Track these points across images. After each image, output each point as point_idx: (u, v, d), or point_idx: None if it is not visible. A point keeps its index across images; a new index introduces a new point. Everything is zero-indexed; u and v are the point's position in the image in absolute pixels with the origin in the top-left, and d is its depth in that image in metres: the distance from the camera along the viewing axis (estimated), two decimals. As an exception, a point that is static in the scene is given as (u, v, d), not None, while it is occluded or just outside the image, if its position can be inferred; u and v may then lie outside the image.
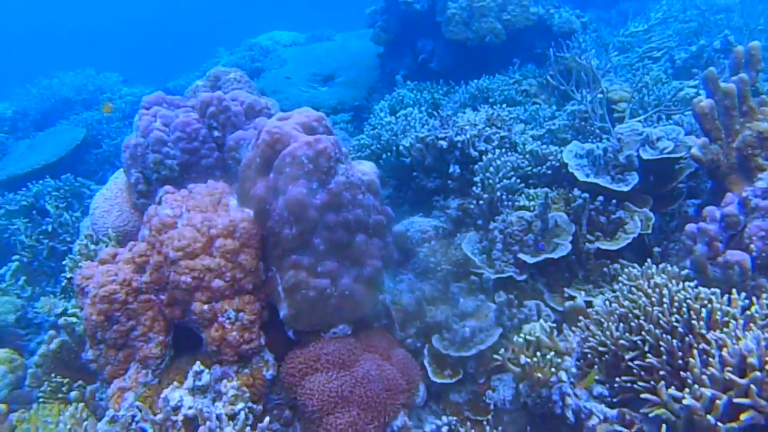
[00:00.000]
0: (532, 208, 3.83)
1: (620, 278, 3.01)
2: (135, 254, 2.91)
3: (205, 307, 2.74)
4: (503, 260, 3.54)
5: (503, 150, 4.12)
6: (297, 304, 2.78)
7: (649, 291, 2.68)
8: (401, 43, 7.13)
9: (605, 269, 3.45)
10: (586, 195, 3.56)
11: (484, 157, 4.05)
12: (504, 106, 5.01)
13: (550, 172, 4.04)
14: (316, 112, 2.97)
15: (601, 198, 3.65)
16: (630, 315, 2.68)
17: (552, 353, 2.73)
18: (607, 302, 2.91)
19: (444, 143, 4.26)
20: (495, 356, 2.84)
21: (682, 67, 6.08)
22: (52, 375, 3.35)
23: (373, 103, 7.03)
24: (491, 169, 3.93)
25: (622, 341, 2.65)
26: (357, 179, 2.91)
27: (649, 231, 3.54)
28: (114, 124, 7.61)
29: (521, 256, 3.50)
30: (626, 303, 2.72)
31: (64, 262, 3.71)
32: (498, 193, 3.83)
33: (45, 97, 8.58)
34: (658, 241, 3.68)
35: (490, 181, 3.89)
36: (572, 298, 3.39)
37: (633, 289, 2.78)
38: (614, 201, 3.66)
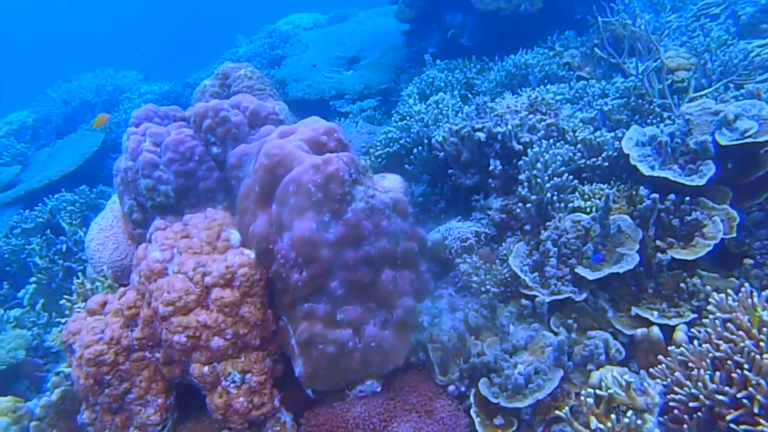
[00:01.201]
0: (588, 210, 3.20)
1: (710, 307, 2.38)
2: (123, 305, 2.42)
3: (206, 369, 2.24)
4: (559, 277, 2.93)
5: (551, 141, 3.47)
6: (314, 361, 2.25)
7: (755, 332, 2.05)
8: (428, 18, 6.43)
9: (682, 284, 2.81)
10: (656, 196, 2.91)
11: (529, 151, 3.42)
12: (546, 85, 4.32)
13: (606, 164, 3.39)
14: (326, 124, 2.40)
15: (672, 196, 2.99)
16: (730, 362, 2.06)
17: (629, 411, 2.14)
18: (695, 340, 2.29)
19: (482, 135, 3.64)
20: (558, 413, 2.26)
21: (748, 23, 5.25)
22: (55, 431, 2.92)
23: (402, 84, 6.40)
24: (538, 165, 3.31)
25: (720, 396, 2.04)
26: (380, 202, 2.35)
27: (734, 234, 2.88)
28: (133, 125, 7.17)
29: (580, 270, 2.90)
30: (724, 346, 2.09)
31: (61, 302, 3.26)
32: (548, 194, 3.21)
33: (65, 101, 8.19)
34: (741, 243, 3.01)
35: (538, 179, 3.27)
36: (642, 319, 2.78)
37: (730, 326, 2.15)
38: (687, 198, 3.00)
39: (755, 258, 3.07)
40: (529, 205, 3.26)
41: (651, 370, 2.34)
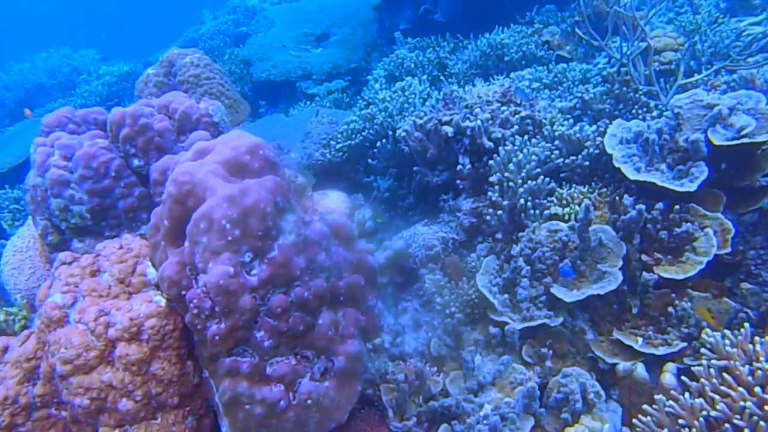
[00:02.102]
0: (566, 217, 2.82)
1: (703, 350, 2.02)
2: (22, 357, 2.02)
3: (113, 434, 1.85)
4: (533, 298, 2.56)
5: (525, 138, 3.07)
6: (240, 423, 1.87)
7: (758, 389, 1.69)
8: (400, -9, 5.94)
9: (670, 308, 2.45)
10: (642, 207, 2.53)
11: (501, 149, 3.02)
12: (522, 70, 3.88)
13: (587, 163, 2.99)
14: (249, 139, 1.97)
15: (660, 205, 2.61)
16: (728, 426, 1.70)
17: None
18: (686, 390, 1.93)
19: (449, 129, 3.22)
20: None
21: None
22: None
23: (373, 63, 5.92)
24: (511, 166, 2.91)
25: (718, 465, 1.70)
26: (316, 232, 1.94)
27: (728, 249, 2.52)
28: (90, 109, 6.64)
29: (556, 291, 2.52)
30: (720, 405, 1.73)
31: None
32: (521, 200, 2.82)
33: (17, 84, 7.60)
34: (735, 252, 2.65)
35: (511, 183, 2.87)
36: (625, 345, 2.43)
37: (728, 377, 1.80)
38: (677, 207, 2.63)
39: (749, 268, 2.73)
40: (500, 212, 2.87)
41: (635, 421, 1.98)
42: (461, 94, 3.40)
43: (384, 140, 3.70)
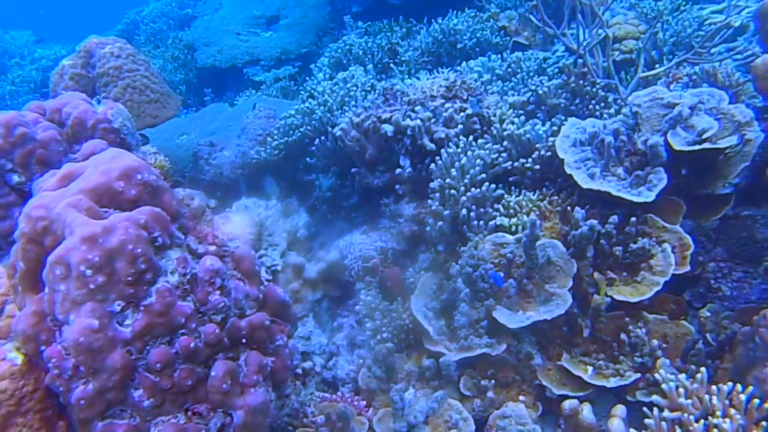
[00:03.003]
0: (513, 228, 2.53)
1: (655, 398, 1.76)
2: None
3: None
4: (473, 323, 2.28)
5: (471, 138, 2.76)
6: (115, 498, 1.55)
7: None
8: (353, -29, 5.55)
9: (623, 335, 2.19)
10: (594, 223, 2.25)
11: (443, 152, 2.71)
12: (472, 65, 3.56)
13: (538, 166, 2.71)
14: (125, 161, 1.62)
15: (615, 219, 2.34)
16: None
17: None
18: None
19: (389, 128, 2.90)
20: None
21: None
22: None
23: (324, 48, 5.54)
24: (453, 171, 2.61)
25: None
26: (207, 269, 1.62)
27: (687, 267, 2.26)
28: (22, 98, 6.14)
29: (499, 315, 2.24)
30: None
31: None
32: (463, 210, 2.52)
33: None
34: (695, 264, 2.40)
35: (453, 190, 2.58)
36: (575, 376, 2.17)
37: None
38: (633, 219, 2.37)
39: (709, 282, 2.49)
40: (441, 222, 2.58)
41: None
42: (403, 89, 3.08)
43: (323, 137, 3.36)
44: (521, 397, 2.22)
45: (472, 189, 2.54)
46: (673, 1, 3.98)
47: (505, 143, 2.77)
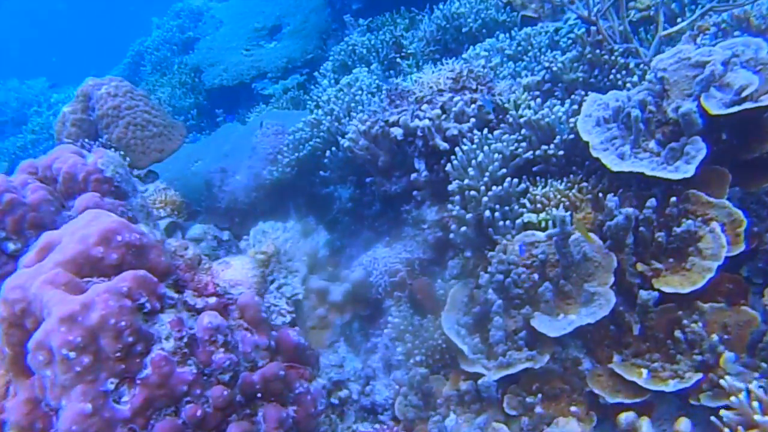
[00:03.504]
0: (543, 224, 2.31)
1: (725, 414, 1.53)
2: None
3: None
4: (510, 335, 2.08)
5: (484, 132, 2.55)
6: None
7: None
8: (349, -33, 5.33)
9: (678, 332, 1.95)
10: (630, 212, 2.02)
11: (458, 150, 2.50)
12: (478, 50, 3.31)
13: (562, 152, 2.47)
14: (103, 223, 1.48)
15: (653, 202, 2.10)
16: None
17: None
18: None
19: (398, 132, 2.71)
20: None
21: None
22: None
23: (330, 51, 5.36)
24: (471, 170, 2.39)
25: None
26: (206, 328, 1.47)
27: (742, 248, 2.01)
28: (42, 145, 6.15)
29: (537, 324, 2.04)
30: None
31: None
32: (486, 211, 2.31)
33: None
34: (750, 237, 2.13)
35: (473, 191, 2.37)
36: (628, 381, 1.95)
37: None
38: (673, 198, 2.12)
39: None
40: (464, 228, 2.37)
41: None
42: (408, 87, 2.87)
43: (334, 148, 3.18)
44: (572, 408, 2.01)
45: (494, 187, 2.32)
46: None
47: (523, 131, 2.54)
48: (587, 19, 2.94)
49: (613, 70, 2.83)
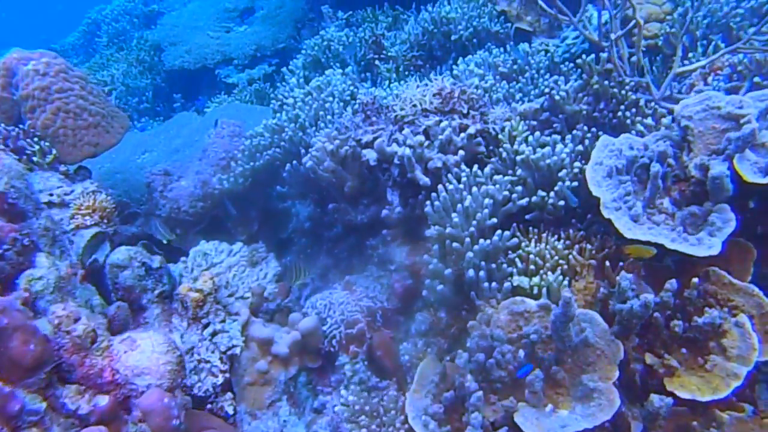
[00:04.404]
0: (536, 290, 1.89)
1: None
2: None
3: None
4: (488, 430, 1.65)
5: (474, 169, 2.10)
6: None
7: None
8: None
9: (699, 449, 1.56)
10: (649, 299, 1.61)
11: (441, 188, 2.05)
12: (471, 66, 2.83)
13: (563, 202, 2.04)
14: None
15: (673, 284, 1.69)
16: None
17: None
18: None
19: (371, 156, 2.25)
20: None
21: None
22: None
23: (304, 43, 4.83)
24: (455, 216, 1.95)
25: None
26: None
27: (776, 349, 1.62)
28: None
29: (521, 419, 1.62)
30: None
31: None
32: (470, 270, 1.87)
33: None
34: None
35: (456, 242, 1.92)
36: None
37: None
38: (695, 280, 1.72)
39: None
40: (441, 286, 1.93)
41: None
42: (388, 102, 2.40)
43: (295, 161, 2.70)
44: None
45: (481, 240, 1.88)
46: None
47: (519, 171, 2.11)
48: (596, 44, 2.52)
49: (622, 107, 2.42)
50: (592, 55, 2.53)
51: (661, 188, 1.94)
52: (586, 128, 2.39)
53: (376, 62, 3.70)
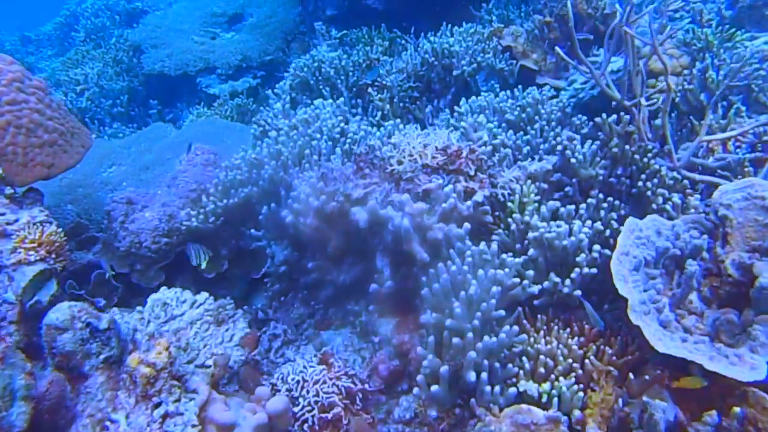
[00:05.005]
0: (545, 399, 1.58)
1: None
2: None
3: None
4: None
5: (481, 246, 1.79)
6: None
7: None
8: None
9: None
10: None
11: (442, 267, 1.73)
12: (481, 119, 2.49)
13: (579, 292, 1.74)
14: None
15: (714, 418, 1.40)
16: None
17: None
18: None
19: (362, 217, 1.92)
20: None
21: (749, 6, 3.54)
22: None
23: (293, 57, 4.48)
24: (456, 305, 1.63)
25: None
26: None
27: None
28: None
29: None
30: None
31: None
32: (470, 372, 1.56)
33: None
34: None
35: (456, 336, 1.60)
36: None
37: None
38: (737, 409, 1.43)
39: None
40: (435, 387, 1.61)
41: None
42: (384, 153, 2.07)
43: (274, 204, 2.36)
44: None
45: (486, 338, 1.56)
46: (724, 32, 2.99)
47: (531, 251, 1.80)
48: (620, 103, 2.23)
49: (643, 176, 2.13)
50: (614, 116, 2.24)
51: (688, 280, 1.65)
52: (601, 196, 2.11)
53: (369, 90, 3.37)
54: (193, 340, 2.10)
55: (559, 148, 2.30)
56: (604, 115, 2.23)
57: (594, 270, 1.76)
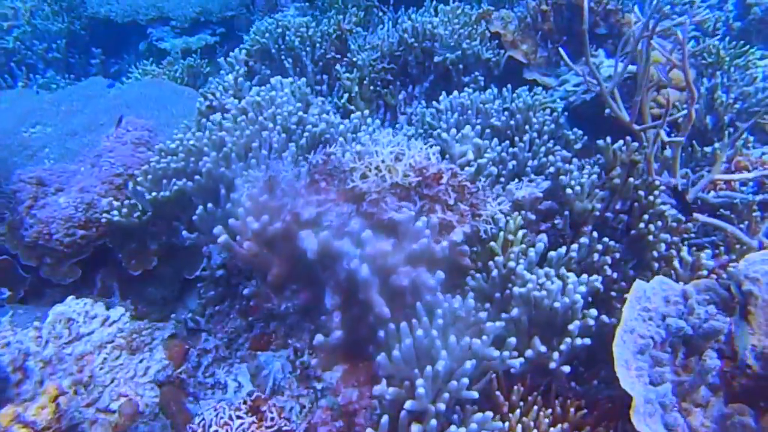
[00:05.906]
0: None
1: None
2: None
3: None
4: None
5: (456, 302, 1.41)
6: None
7: None
8: None
9: None
10: None
11: (405, 328, 1.35)
12: (466, 131, 2.06)
13: (568, 369, 1.39)
14: None
15: None
16: None
17: None
18: None
19: (311, 246, 1.51)
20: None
21: (760, 20, 3.18)
22: None
23: (257, 15, 3.92)
24: (420, 384, 1.25)
25: None
26: None
27: None
28: None
29: None
30: None
31: None
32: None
33: None
34: None
35: (416, 425, 1.24)
36: None
37: None
38: None
39: None
40: (385, 486, 1.25)
41: None
42: (347, 163, 1.65)
43: (211, 204, 1.92)
44: None
45: (452, 428, 1.20)
46: (737, 48, 2.63)
47: (514, 311, 1.44)
48: (628, 125, 1.86)
49: (646, 216, 1.77)
50: (620, 142, 1.86)
51: (700, 372, 1.32)
52: (595, 235, 1.75)
53: (337, 66, 2.90)
54: (99, 371, 1.68)
55: (552, 170, 1.92)
56: (608, 139, 1.85)
57: (587, 341, 1.41)
